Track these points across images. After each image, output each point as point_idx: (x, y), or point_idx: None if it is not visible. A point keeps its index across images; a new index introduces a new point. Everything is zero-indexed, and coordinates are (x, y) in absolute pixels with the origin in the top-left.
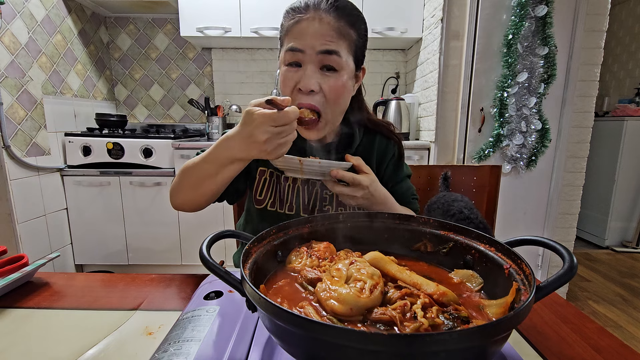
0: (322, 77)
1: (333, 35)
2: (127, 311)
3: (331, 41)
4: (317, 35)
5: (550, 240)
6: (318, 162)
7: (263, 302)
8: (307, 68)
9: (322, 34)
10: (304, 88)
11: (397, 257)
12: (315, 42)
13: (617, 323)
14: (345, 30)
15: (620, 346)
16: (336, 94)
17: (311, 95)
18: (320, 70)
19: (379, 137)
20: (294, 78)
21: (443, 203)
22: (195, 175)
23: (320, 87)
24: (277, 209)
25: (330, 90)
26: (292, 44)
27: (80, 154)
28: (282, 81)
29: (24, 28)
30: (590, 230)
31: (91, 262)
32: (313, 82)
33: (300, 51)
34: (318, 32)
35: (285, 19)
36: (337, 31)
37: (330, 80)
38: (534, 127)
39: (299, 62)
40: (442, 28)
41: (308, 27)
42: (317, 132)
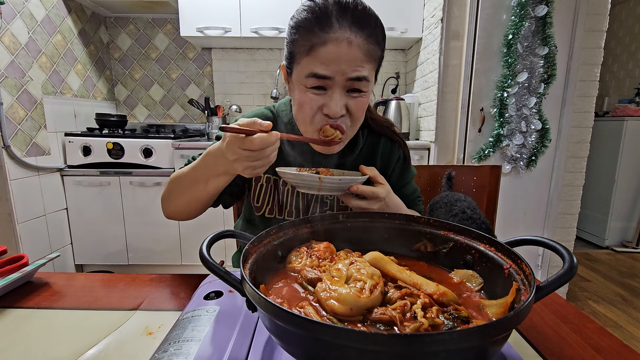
0: (349, 99)
1: (363, 60)
2: (127, 311)
3: (361, 66)
4: (347, 61)
5: (550, 240)
6: (338, 179)
7: (263, 302)
8: (335, 92)
9: (352, 58)
10: (332, 115)
11: (397, 257)
12: (346, 68)
13: (617, 323)
14: (373, 51)
15: (620, 346)
16: (361, 113)
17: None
18: (346, 92)
19: (383, 139)
20: (318, 102)
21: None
22: (184, 185)
23: (347, 109)
24: (275, 216)
25: (356, 111)
26: (319, 71)
27: (80, 154)
28: (302, 104)
29: (24, 28)
30: (590, 230)
31: (91, 262)
32: (341, 108)
33: (328, 78)
34: (347, 57)
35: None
36: (366, 54)
37: (357, 101)
38: (534, 127)
39: (324, 86)
40: (442, 28)
41: (336, 51)
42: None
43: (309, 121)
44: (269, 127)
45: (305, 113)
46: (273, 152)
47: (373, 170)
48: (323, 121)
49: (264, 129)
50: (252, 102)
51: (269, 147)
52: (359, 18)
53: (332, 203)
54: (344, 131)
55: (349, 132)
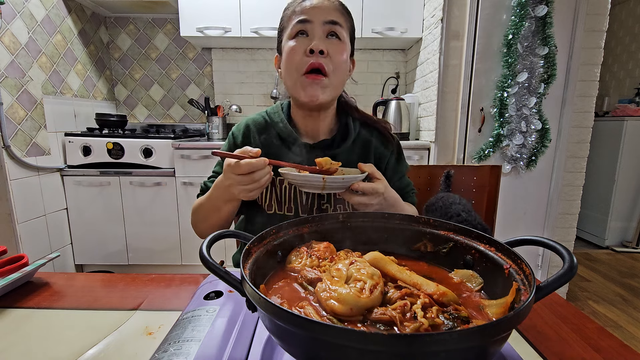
0: (328, 43)
1: (337, 11)
2: (127, 311)
3: (334, 14)
4: (324, 9)
5: (550, 240)
6: (341, 178)
7: (263, 302)
8: (316, 34)
9: (328, 8)
10: (315, 48)
11: (397, 257)
12: (322, 12)
13: (617, 323)
14: (344, 12)
15: (620, 346)
16: (340, 59)
17: (320, 57)
18: (326, 37)
19: (376, 133)
20: (302, 45)
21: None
22: (204, 214)
23: (327, 51)
24: (275, 211)
25: (335, 54)
26: (302, 17)
27: (80, 154)
28: (290, 51)
29: (24, 28)
30: (590, 230)
31: (91, 262)
32: (322, 44)
33: (309, 22)
34: (324, 5)
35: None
36: (339, 10)
37: (336, 45)
38: (534, 127)
39: (306, 31)
40: (442, 28)
41: (314, 2)
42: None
43: (296, 64)
44: (258, 153)
45: (292, 57)
46: (264, 177)
47: (371, 167)
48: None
49: (253, 155)
50: (252, 102)
51: (258, 171)
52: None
53: (329, 197)
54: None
55: (332, 80)
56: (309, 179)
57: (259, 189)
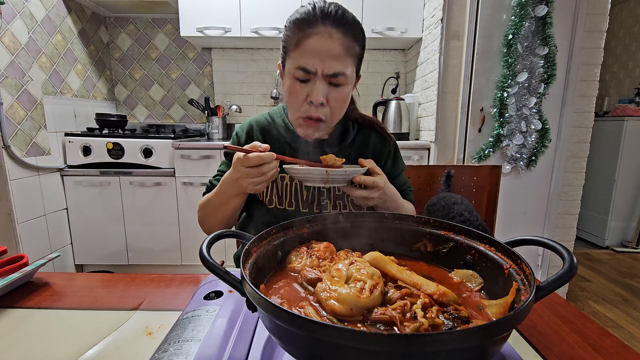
0: (329, 90)
1: (341, 54)
2: (127, 311)
3: (339, 62)
4: (327, 56)
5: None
6: (344, 171)
7: (263, 302)
8: (317, 83)
9: (331, 54)
10: (314, 101)
11: (397, 257)
12: (325, 63)
13: (617, 323)
14: (351, 46)
15: (620, 346)
16: (339, 104)
17: (320, 108)
18: (327, 84)
19: (374, 134)
20: (303, 92)
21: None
22: (211, 210)
23: (327, 101)
24: (276, 206)
25: (335, 101)
26: (304, 65)
27: (80, 154)
28: (290, 93)
29: (24, 28)
30: (590, 230)
31: (91, 262)
32: (323, 95)
33: (310, 72)
34: (327, 52)
35: (292, 29)
36: (345, 49)
37: (336, 93)
38: (534, 127)
39: (309, 78)
40: (442, 28)
41: (318, 45)
42: (318, 132)
43: (296, 108)
44: (267, 148)
45: (293, 101)
46: (271, 171)
47: (371, 162)
48: (307, 110)
49: (262, 150)
50: (252, 102)
51: (266, 164)
52: (339, 19)
53: (329, 194)
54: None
55: (330, 121)
56: (313, 172)
57: (265, 182)
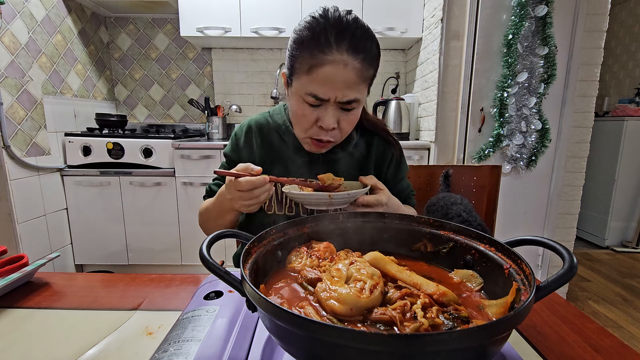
0: (341, 114)
1: (356, 82)
2: (127, 311)
3: (352, 90)
4: (341, 85)
5: (550, 240)
6: (347, 194)
7: (263, 302)
8: (329, 109)
9: (345, 83)
10: (326, 127)
11: (397, 257)
12: (339, 92)
13: (617, 323)
14: (366, 72)
15: (620, 346)
16: (350, 126)
17: (330, 131)
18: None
19: (377, 139)
20: (313, 115)
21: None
22: (210, 219)
23: (338, 123)
24: (275, 211)
25: (346, 124)
26: (316, 93)
27: (80, 154)
28: (300, 114)
29: (24, 28)
30: (590, 230)
31: (91, 262)
32: (334, 122)
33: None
34: (342, 81)
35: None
36: (360, 76)
37: (348, 116)
38: (534, 127)
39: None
40: (442, 28)
41: (332, 74)
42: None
43: (304, 130)
44: (259, 172)
45: (301, 123)
46: (263, 194)
47: (372, 179)
48: (316, 132)
49: (254, 173)
50: (252, 102)
51: (257, 188)
52: (357, 41)
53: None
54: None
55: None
56: (315, 197)
57: (258, 204)
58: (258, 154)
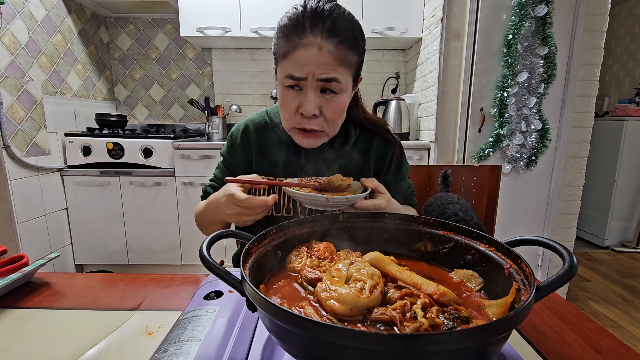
0: (322, 100)
1: (333, 64)
2: (127, 311)
3: (330, 69)
4: (317, 64)
5: (550, 240)
6: (345, 198)
7: (263, 302)
8: (308, 93)
9: (321, 63)
10: (306, 113)
11: (397, 257)
12: (316, 70)
13: (617, 323)
14: (345, 55)
15: (620, 346)
16: (335, 115)
17: (313, 119)
18: (320, 93)
19: (377, 138)
20: (295, 101)
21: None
22: (203, 223)
23: (320, 110)
24: (272, 213)
25: (330, 113)
26: (292, 73)
27: (80, 154)
28: (282, 103)
29: (24, 28)
30: (590, 230)
31: (91, 262)
32: (314, 107)
33: (301, 79)
34: (317, 61)
35: (281, 38)
36: (337, 59)
37: (330, 103)
38: (534, 127)
39: (299, 86)
40: (442, 28)
41: (307, 55)
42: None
43: (288, 119)
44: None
45: (285, 112)
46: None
47: (373, 182)
48: (299, 121)
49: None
50: (252, 102)
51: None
52: (332, 25)
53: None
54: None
55: (329, 131)
56: (312, 197)
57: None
58: (255, 155)
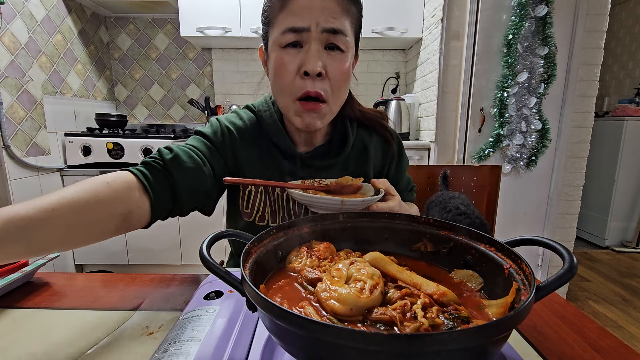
0: (328, 58)
1: (337, 11)
2: (127, 311)
3: (336, 18)
4: (322, 10)
5: (550, 240)
6: (361, 201)
7: (263, 302)
8: (312, 47)
9: (327, 8)
10: (311, 71)
11: (397, 257)
12: (320, 17)
13: (617, 323)
14: (348, 5)
15: (620, 346)
16: (342, 78)
17: (318, 80)
18: (324, 49)
19: (375, 138)
20: (295, 61)
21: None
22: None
23: (325, 71)
24: (268, 222)
25: (336, 74)
26: (292, 23)
27: (80, 154)
28: (279, 68)
29: (24, 28)
30: (590, 230)
31: (91, 262)
32: (319, 63)
33: (304, 30)
34: (321, 6)
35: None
36: (341, 6)
37: (337, 62)
38: (534, 127)
39: (300, 42)
40: (442, 28)
41: (307, 1)
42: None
43: (287, 87)
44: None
45: (283, 77)
46: None
47: (385, 183)
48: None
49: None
50: (252, 102)
51: None
52: None
53: None
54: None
55: (331, 104)
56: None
57: None
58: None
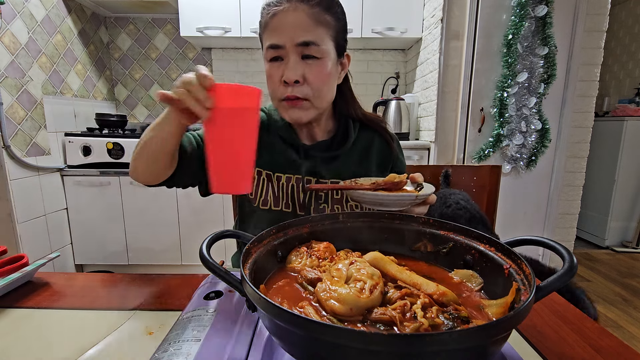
0: (305, 67)
1: (309, 24)
2: (127, 311)
3: (308, 31)
4: (293, 27)
5: (550, 240)
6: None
7: (263, 302)
8: (290, 60)
9: (298, 24)
10: (287, 80)
11: (397, 257)
12: (293, 34)
13: (617, 323)
14: (321, 17)
15: (620, 346)
16: (320, 82)
17: (297, 87)
18: (302, 60)
19: (377, 139)
20: (278, 73)
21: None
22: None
23: (304, 77)
24: (271, 207)
25: (314, 79)
26: (271, 41)
27: (80, 154)
28: (267, 77)
29: (24, 28)
30: (590, 230)
31: (91, 262)
32: (296, 73)
33: (279, 47)
34: (293, 23)
35: (262, 15)
36: (313, 19)
37: (314, 68)
38: (534, 127)
39: (281, 56)
40: (442, 28)
41: (283, 19)
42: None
43: (274, 93)
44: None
45: (270, 85)
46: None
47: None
48: (284, 92)
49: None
50: None
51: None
52: None
53: (327, 197)
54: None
55: (315, 100)
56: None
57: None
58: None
